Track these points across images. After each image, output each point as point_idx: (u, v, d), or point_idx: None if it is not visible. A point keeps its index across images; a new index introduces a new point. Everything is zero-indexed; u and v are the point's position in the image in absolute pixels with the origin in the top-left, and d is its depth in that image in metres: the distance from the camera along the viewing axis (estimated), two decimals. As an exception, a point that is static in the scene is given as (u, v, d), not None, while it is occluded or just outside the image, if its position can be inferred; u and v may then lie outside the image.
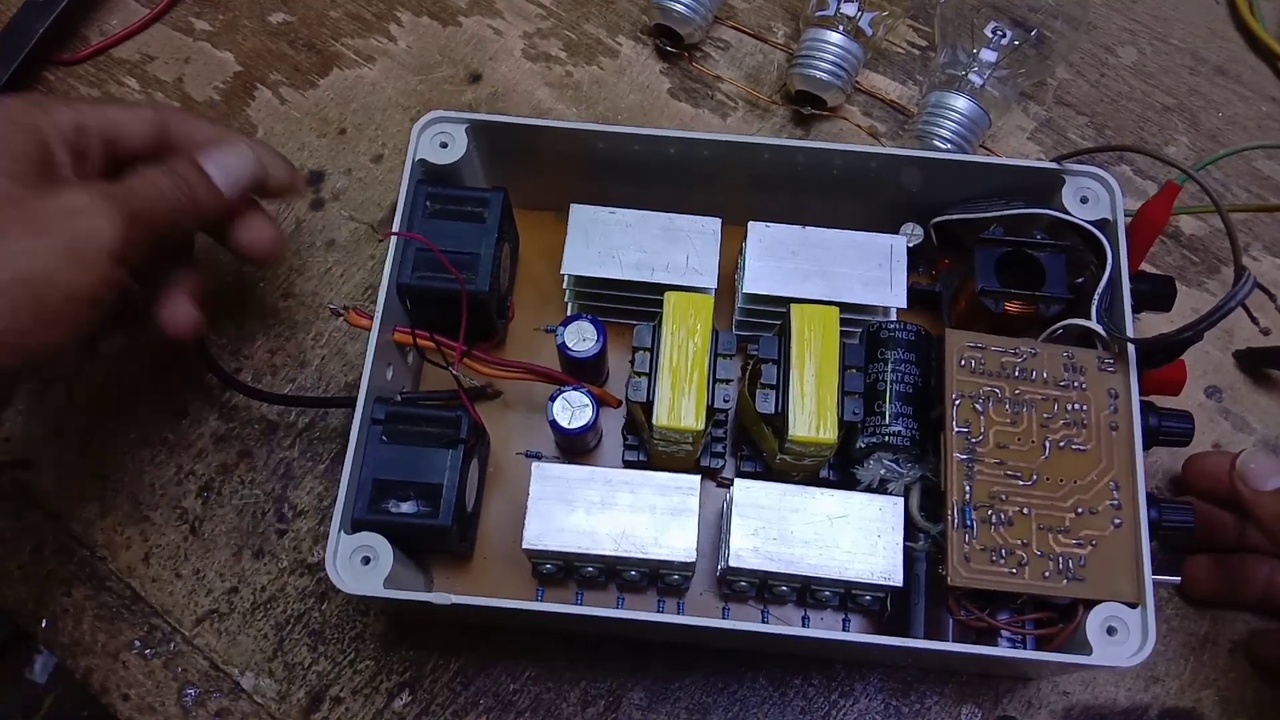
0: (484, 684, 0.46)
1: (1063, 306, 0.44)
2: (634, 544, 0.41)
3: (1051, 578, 0.39)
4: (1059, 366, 0.42)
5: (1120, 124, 0.58)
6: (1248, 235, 0.55)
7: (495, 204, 0.45)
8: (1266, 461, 0.42)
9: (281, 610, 0.47)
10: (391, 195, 0.55)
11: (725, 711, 0.46)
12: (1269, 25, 0.60)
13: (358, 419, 0.41)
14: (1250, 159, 0.57)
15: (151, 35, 0.59)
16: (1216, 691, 0.46)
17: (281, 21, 0.60)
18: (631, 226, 0.46)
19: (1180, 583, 0.46)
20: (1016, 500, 0.40)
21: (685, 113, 0.58)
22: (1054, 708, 0.46)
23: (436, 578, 0.46)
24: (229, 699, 0.45)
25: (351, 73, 0.58)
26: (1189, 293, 0.54)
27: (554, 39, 0.59)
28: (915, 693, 0.46)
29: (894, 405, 0.43)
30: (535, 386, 0.46)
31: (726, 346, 0.43)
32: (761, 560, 0.40)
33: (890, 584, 0.40)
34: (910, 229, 0.48)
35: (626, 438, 0.46)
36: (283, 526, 0.48)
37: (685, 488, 0.41)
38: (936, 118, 0.53)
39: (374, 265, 0.53)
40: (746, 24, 0.60)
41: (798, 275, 0.45)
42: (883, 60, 0.59)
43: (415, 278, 0.44)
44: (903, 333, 0.44)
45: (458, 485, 0.41)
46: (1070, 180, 0.45)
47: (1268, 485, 0.41)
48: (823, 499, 0.41)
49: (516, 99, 0.58)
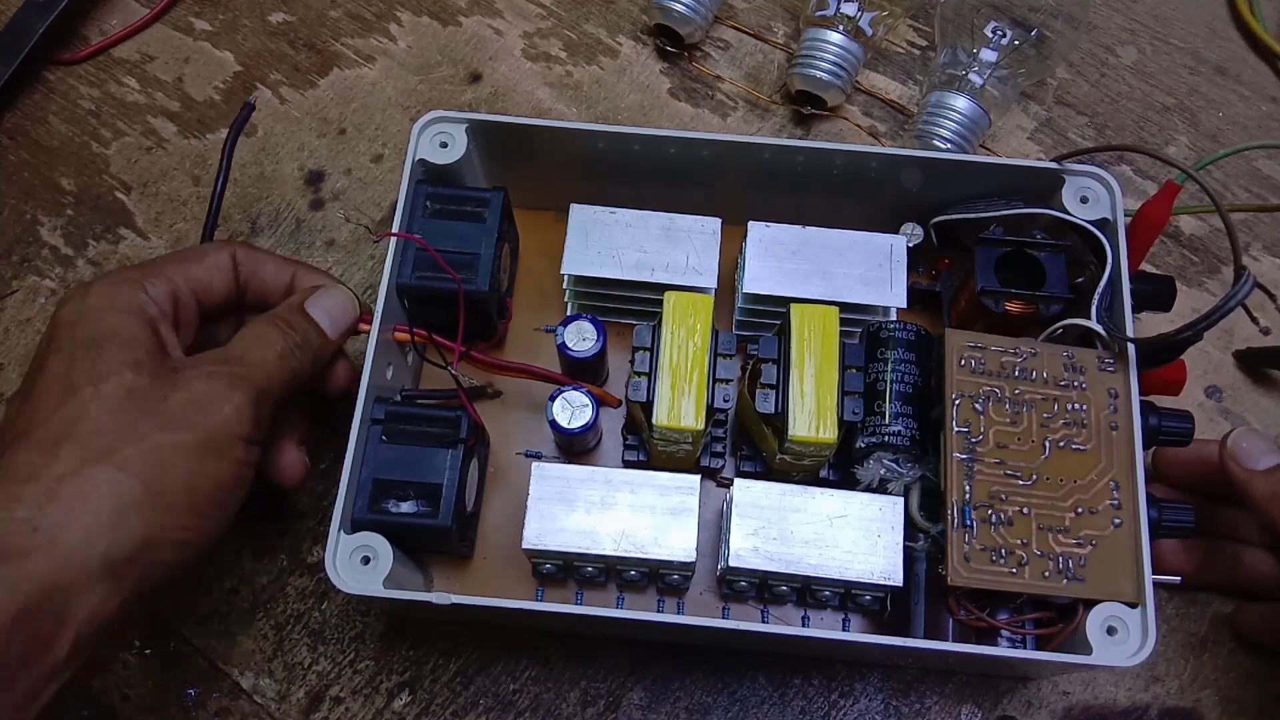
0: (484, 684, 0.46)
1: (1063, 306, 0.44)
2: (634, 544, 0.41)
3: (1051, 578, 0.39)
4: (1059, 366, 0.42)
5: (1120, 124, 0.58)
6: (1248, 235, 0.55)
7: (495, 204, 0.45)
8: (1258, 441, 0.42)
9: (281, 610, 0.47)
10: (391, 195, 0.55)
11: (725, 711, 0.46)
12: (1269, 25, 0.60)
13: (357, 419, 0.41)
14: (1250, 159, 0.57)
15: (151, 35, 0.59)
16: (1216, 691, 0.46)
17: (281, 21, 0.60)
18: (631, 226, 0.46)
19: (1181, 582, 0.46)
20: (1016, 500, 0.40)
21: (685, 113, 0.58)
22: (1054, 708, 0.46)
23: (436, 578, 0.46)
24: (229, 699, 0.45)
25: (351, 72, 0.58)
26: (1189, 292, 0.54)
27: (554, 39, 0.59)
28: (915, 693, 0.46)
29: (894, 405, 0.43)
30: (535, 386, 0.46)
31: (726, 346, 0.43)
32: (761, 560, 0.40)
33: (890, 584, 0.40)
34: (910, 229, 0.48)
35: (626, 438, 0.46)
36: (283, 526, 0.48)
37: (685, 488, 0.41)
38: (936, 117, 0.53)
39: (374, 265, 0.53)
40: (747, 24, 0.60)
41: (798, 275, 0.45)
42: (883, 60, 0.59)
43: (415, 278, 0.44)
44: (903, 332, 0.44)
45: (458, 485, 0.41)
46: (1070, 180, 0.45)
47: (1260, 464, 0.41)
48: (823, 499, 0.41)
49: (516, 99, 0.58)
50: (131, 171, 0.56)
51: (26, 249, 0.54)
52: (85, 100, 0.58)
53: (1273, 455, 0.41)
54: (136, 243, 0.54)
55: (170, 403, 0.37)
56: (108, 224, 0.54)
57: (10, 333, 0.52)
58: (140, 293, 0.39)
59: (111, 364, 0.37)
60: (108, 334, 0.37)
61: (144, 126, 0.57)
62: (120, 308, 0.38)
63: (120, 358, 0.37)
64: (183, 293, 0.41)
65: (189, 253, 0.42)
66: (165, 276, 0.40)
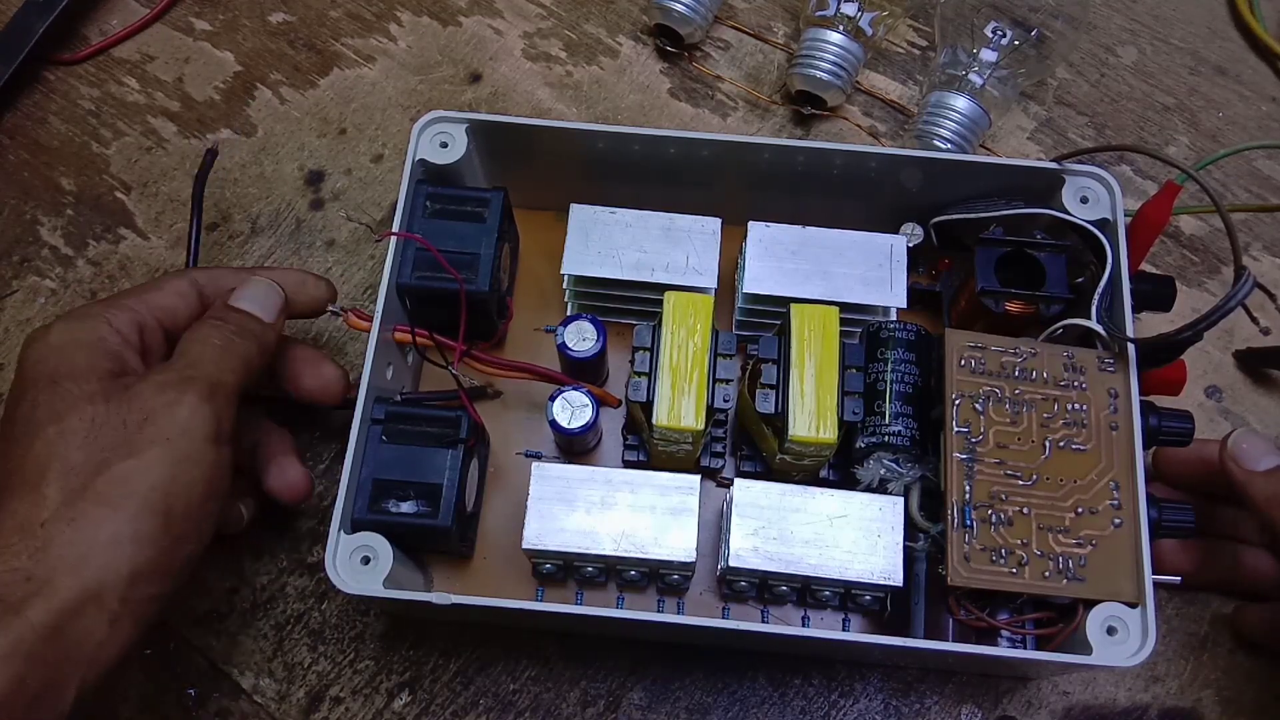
0: (484, 684, 0.46)
1: (1063, 306, 0.44)
2: (634, 544, 0.41)
3: (1051, 577, 0.39)
4: (1059, 366, 0.42)
5: (1120, 124, 0.58)
6: (1248, 235, 0.55)
7: (495, 204, 0.45)
8: (1258, 441, 0.42)
9: (281, 610, 0.47)
10: (391, 195, 0.55)
11: (725, 711, 0.46)
12: (1269, 25, 0.60)
13: (357, 419, 0.41)
14: (1250, 159, 0.57)
15: (151, 35, 0.59)
16: (1216, 691, 0.46)
17: (281, 21, 0.60)
18: (631, 226, 0.46)
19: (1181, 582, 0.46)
20: (1016, 500, 0.40)
21: (685, 113, 0.58)
22: (1054, 708, 0.46)
23: (436, 578, 0.46)
24: (229, 699, 0.45)
25: (351, 72, 0.58)
26: (1189, 292, 0.54)
27: (554, 39, 0.59)
28: (915, 693, 0.46)
29: (894, 405, 0.43)
30: (535, 386, 0.46)
31: (726, 346, 0.43)
32: (761, 560, 0.40)
33: (890, 584, 0.40)
34: (910, 229, 0.48)
35: (626, 438, 0.46)
36: (283, 526, 0.48)
37: (685, 488, 0.41)
38: (937, 117, 0.53)
39: (374, 265, 0.53)
40: (747, 24, 0.60)
41: (798, 275, 0.45)
42: (883, 60, 0.59)
43: (415, 277, 0.44)
44: (903, 332, 0.44)
45: (458, 485, 0.41)
46: (1070, 180, 0.45)
47: (1260, 465, 0.41)
48: (823, 499, 0.41)
49: (516, 99, 0.58)
50: (131, 171, 0.56)
51: (26, 249, 0.54)
52: (85, 100, 0.58)
53: (1273, 456, 0.41)
54: (136, 243, 0.54)
55: (129, 424, 0.36)
56: (108, 224, 0.54)
57: (10, 333, 0.52)
58: (102, 325, 0.39)
59: (69, 399, 0.36)
60: (66, 371, 0.37)
61: (144, 126, 0.57)
62: (80, 342, 0.38)
63: (78, 391, 0.37)
64: (147, 320, 0.41)
65: (149, 283, 0.43)
66: (127, 307, 0.40)
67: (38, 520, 0.34)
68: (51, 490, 0.35)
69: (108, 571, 0.34)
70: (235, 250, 0.54)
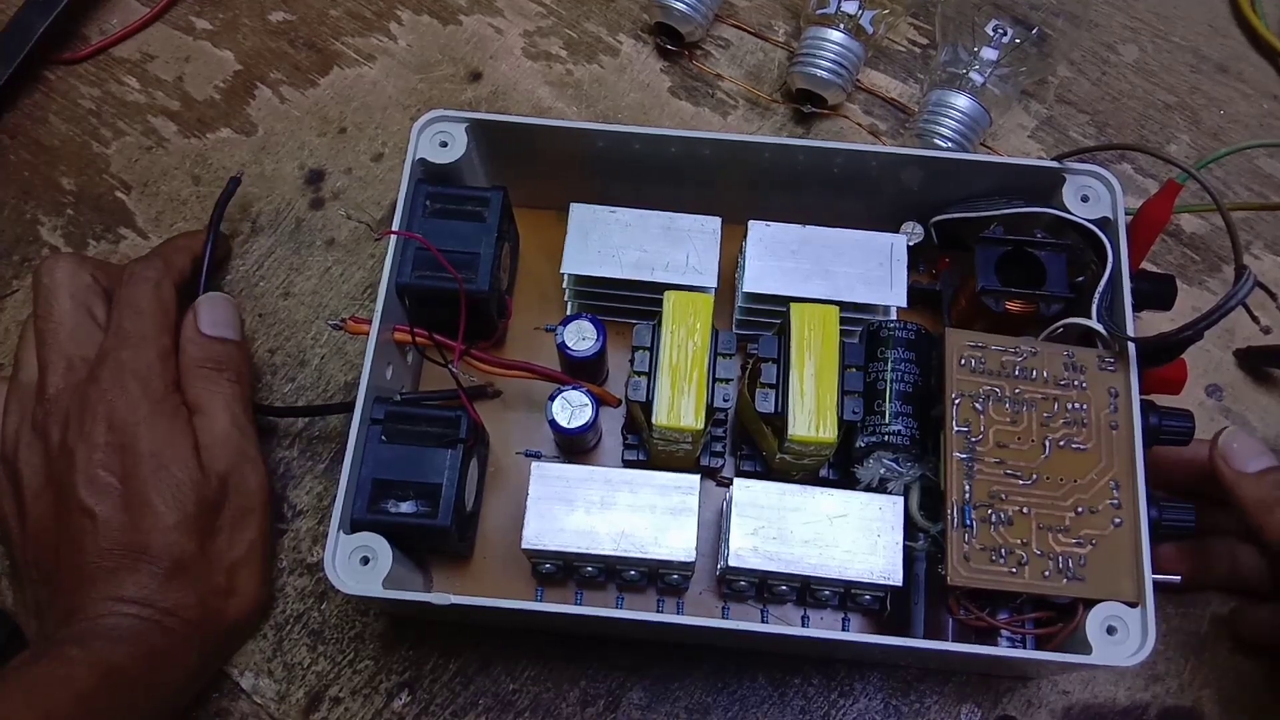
0: (483, 684, 0.46)
1: (1063, 305, 0.44)
2: (634, 544, 0.41)
3: (1051, 577, 0.39)
4: (1059, 365, 0.42)
5: (1121, 122, 0.58)
6: (1249, 233, 0.55)
7: (495, 203, 0.45)
8: (1249, 442, 0.41)
9: (281, 610, 0.47)
10: (391, 194, 0.55)
11: (725, 711, 0.46)
12: (1271, 22, 0.60)
13: (357, 419, 0.41)
14: (1252, 157, 0.57)
15: (152, 34, 0.59)
16: (1216, 691, 0.46)
17: (282, 20, 0.60)
18: (631, 226, 0.46)
19: (1180, 581, 0.46)
20: (1016, 499, 0.40)
21: (685, 111, 0.58)
22: (1054, 707, 0.46)
23: (436, 578, 0.46)
24: (229, 699, 0.45)
25: (352, 71, 0.58)
26: (1190, 291, 0.53)
27: (554, 37, 0.59)
28: (915, 692, 0.46)
29: (894, 404, 0.43)
30: (535, 386, 0.46)
31: (726, 346, 0.43)
32: (761, 560, 0.40)
33: (890, 583, 0.40)
34: (910, 228, 0.48)
35: (626, 437, 0.46)
36: (282, 526, 0.48)
37: (685, 487, 0.41)
38: (937, 116, 0.53)
39: (374, 264, 0.53)
40: (747, 22, 0.60)
41: (798, 274, 0.45)
42: (884, 58, 0.59)
43: (415, 277, 0.44)
44: (903, 332, 0.44)
45: (457, 485, 0.41)
46: (1071, 179, 0.45)
47: (1250, 466, 0.41)
48: (823, 498, 0.41)
49: (517, 98, 0.58)
50: (132, 171, 0.56)
51: (27, 249, 0.54)
52: (85, 100, 0.58)
53: (1263, 458, 0.41)
54: (137, 242, 0.54)
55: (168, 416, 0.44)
56: (108, 223, 0.54)
57: (10, 333, 0.52)
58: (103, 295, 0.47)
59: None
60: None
61: (144, 126, 0.57)
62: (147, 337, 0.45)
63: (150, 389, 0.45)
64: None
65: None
66: (90, 271, 0.47)
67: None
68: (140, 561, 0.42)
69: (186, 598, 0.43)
70: (235, 250, 0.54)
